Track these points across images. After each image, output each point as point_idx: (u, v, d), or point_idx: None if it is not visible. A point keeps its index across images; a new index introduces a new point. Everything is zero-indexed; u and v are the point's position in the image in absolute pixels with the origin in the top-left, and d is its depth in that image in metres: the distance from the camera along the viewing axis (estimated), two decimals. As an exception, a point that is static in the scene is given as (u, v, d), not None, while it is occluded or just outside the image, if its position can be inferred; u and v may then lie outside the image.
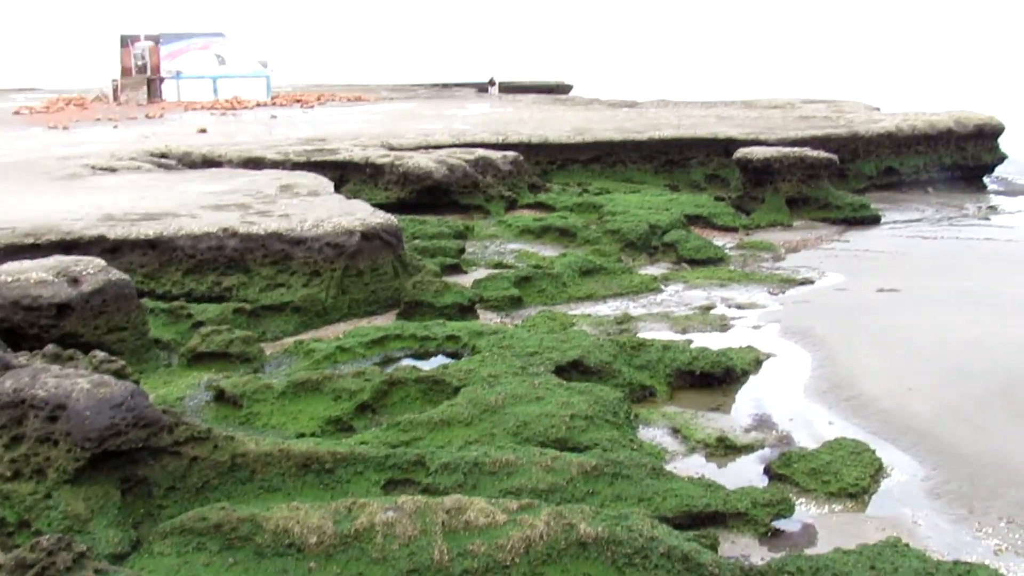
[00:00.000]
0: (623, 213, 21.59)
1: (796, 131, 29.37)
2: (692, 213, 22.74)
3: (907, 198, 28.12)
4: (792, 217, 23.92)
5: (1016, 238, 22.09)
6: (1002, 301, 15.78)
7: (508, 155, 25.46)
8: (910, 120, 30.95)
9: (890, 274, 18.09)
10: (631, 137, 29.23)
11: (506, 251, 19.94)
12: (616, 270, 17.75)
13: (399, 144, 27.46)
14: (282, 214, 16.13)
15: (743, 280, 17.75)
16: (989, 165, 31.37)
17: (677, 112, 37.48)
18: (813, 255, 20.29)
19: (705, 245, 19.97)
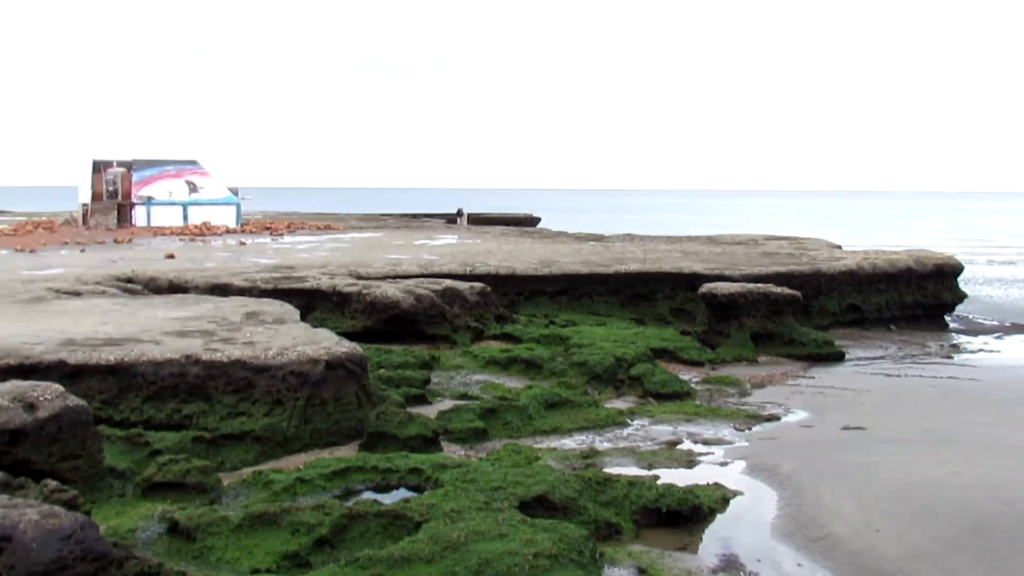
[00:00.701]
0: (589, 346, 21.62)
1: (760, 267, 29.80)
2: (658, 347, 22.80)
3: (870, 335, 28.41)
4: (757, 352, 24.06)
5: (979, 377, 22.27)
6: (967, 440, 15.80)
7: (475, 286, 25.57)
8: (871, 258, 31.53)
9: (855, 411, 18.11)
10: (598, 270, 29.51)
11: (472, 382, 19.82)
12: (582, 403, 17.66)
13: (367, 273, 27.54)
14: (246, 342, 15.99)
15: (709, 415, 17.70)
16: (949, 304, 31.87)
17: (643, 246, 37.99)
18: (779, 391, 20.32)
19: (671, 379, 19.96)
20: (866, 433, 16.35)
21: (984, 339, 28.86)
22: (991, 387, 21.02)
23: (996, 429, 16.73)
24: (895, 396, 19.88)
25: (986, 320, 32.84)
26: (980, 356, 25.80)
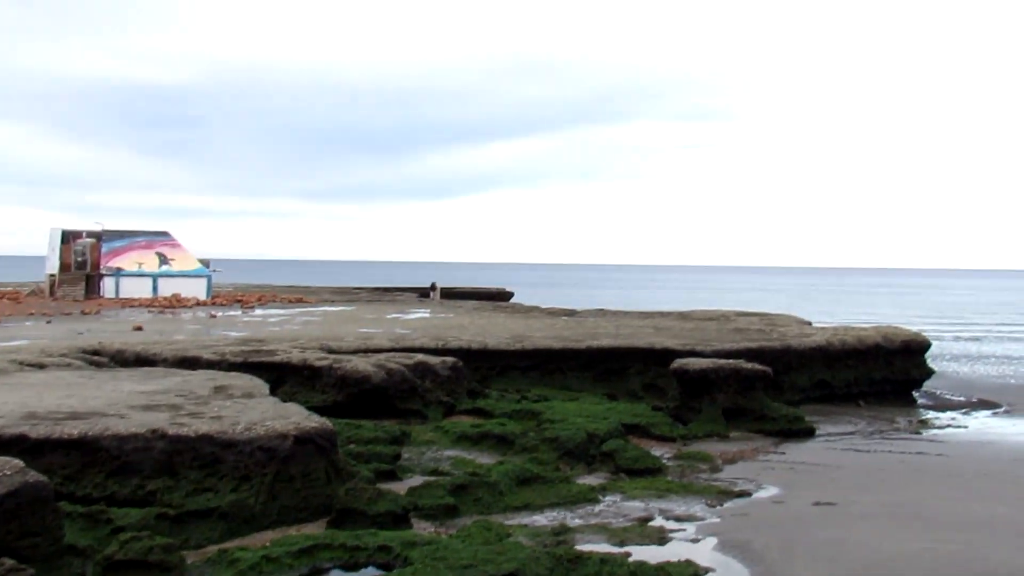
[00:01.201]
0: (561, 421, 21.55)
1: (731, 343, 29.93)
2: (630, 422, 22.76)
3: (840, 411, 28.50)
4: (729, 428, 24.06)
5: (947, 452, 22.35)
6: (936, 516, 15.81)
7: (447, 360, 25.52)
8: (840, 335, 31.78)
9: (826, 487, 18.10)
10: (570, 345, 29.55)
11: (443, 458, 19.65)
12: (554, 479, 17.55)
13: (338, 347, 27.43)
14: (214, 416, 15.82)
15: (681, 491, 17.62)
16: (917, 380, 32.07)
17: (615, 322, 38.12)
18: (750, 467, 20.28)
19: (643, 455, 19.89)
20: (837, 509, 16.32)
21: (952, 415, 29.02)
22: (959, 462, 21.08)
23: (965, 504, 16.75)
24: (865, 471, 19.90)
25: (953, 396, 33.04)
26: (948, 431, 25.91)
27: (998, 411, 30.15)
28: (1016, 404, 31.39)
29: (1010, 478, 19.41)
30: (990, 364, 44.26)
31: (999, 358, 47.30)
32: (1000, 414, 29.63)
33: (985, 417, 28.92)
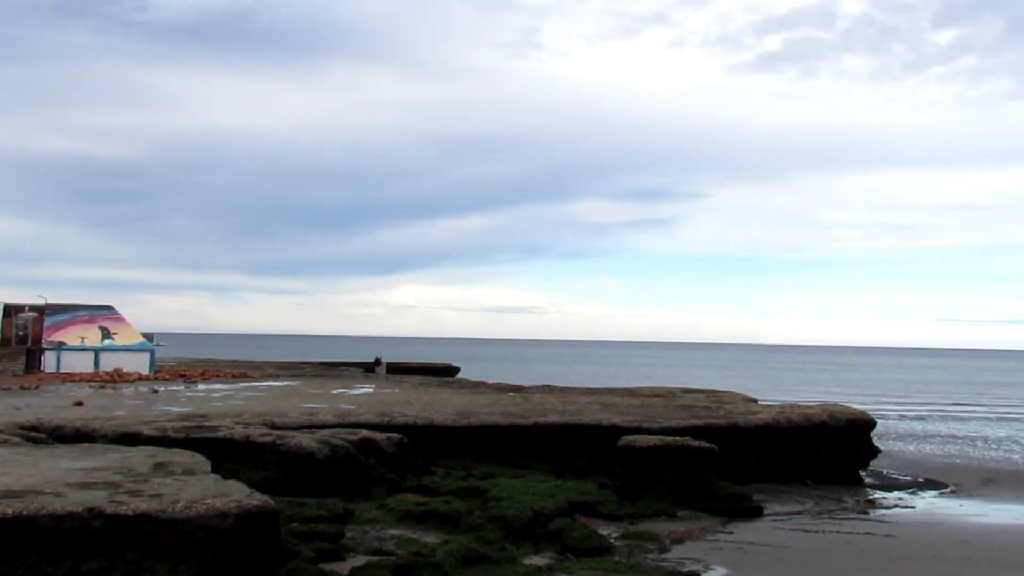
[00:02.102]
0: (508, 499, 21.28)
1: (678, 420, 29.94)
2: (577, 500, 22.54)
3: (787, 489, 28.52)
4: (676, 506, 23.93)
5: (895, 533, 22.38)
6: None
7: (392, 437, 25.20)
8: (786, 412, 31.94)
9: (775, 569, 18.01)
10: (516, 422, 29.35)
11: (387, 536, 19.26)
12: (500, 559, 17.25)
13: (282, 423, 26.98)
14: (153, 494, 15.37)
15: (629, 572, 17.39)
16: (864, 458, 32.25)
17: (562, 398, 38.00)
18: (698, 547, 20.14)
19: (590, 534, 19.66)
20: (786, 590, 16.21)
21: (899, 494, 29.17)
22: (907, 543, 21.11)
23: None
24: (813, 552, 19.84)
25: (900, 475, 33.27)
26: (896, 512, 26.01)
27: (944, 491, 30.37)
28: (962, 484, 31.65)
29: (959, 560, 19.45)
30: (935, 443, 44.74)
31: (944, 437, 47.84)
32: (947, 494, 29.84)
33: (932, 497, 29.09)
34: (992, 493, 30.27)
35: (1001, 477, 33.65)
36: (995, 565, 19.17)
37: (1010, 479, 33.34)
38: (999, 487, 31.54)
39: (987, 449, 42.75)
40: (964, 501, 28.52)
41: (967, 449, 42.52)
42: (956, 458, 39.03)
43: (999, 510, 27.05)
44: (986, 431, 51.93)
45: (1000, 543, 21.66)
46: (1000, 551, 20.61)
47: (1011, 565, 19.12)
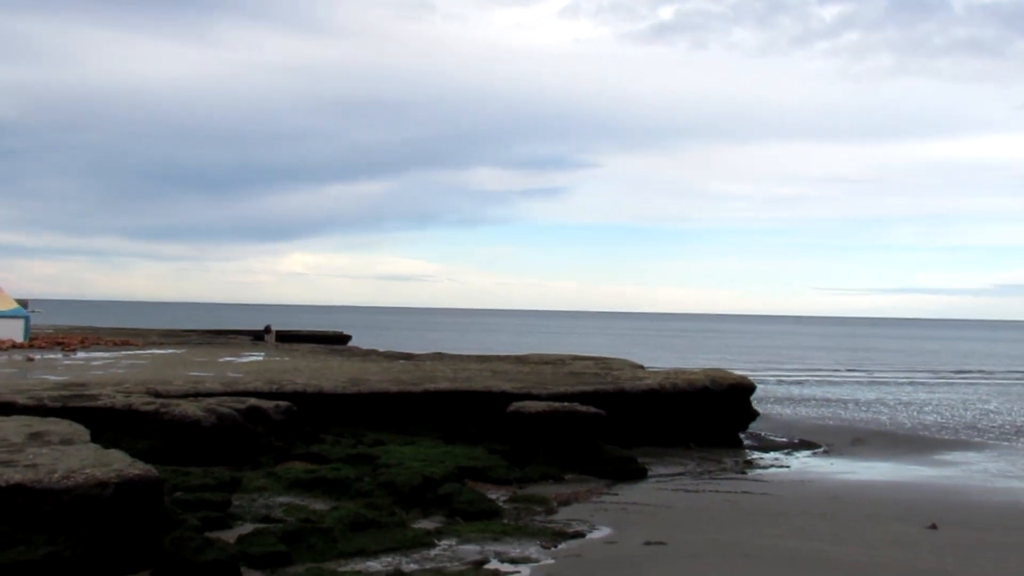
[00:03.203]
0: (398, 465, 21.38)
1: (567, 386, 30.41)
2: (467, 465, 22.78)
3: (670, 452, 29.29)
4: (564, 470, 24.38)
5: (771, 491, 23.25)
6: (761, 554, 16.38)
7: (281, 405, 25.00)
8: (671, 378, 32.72)
9: (657, 527, 18.53)
10: (407, 389, 29.41)
11: (275, 504, 19.16)
12: (389, 524, 17.36)
13: (166, 391, 26.50)
14: (29, 464, 14.99)
15: (516, 534, 17.72)
16: (743, 421, 33.29)
17: (453, 366, 38.15)
18: (584, 508, 20.58)
19: (479, 498, 19.92)
20: (667, 548, 16.72)
21: (775, 455, 30.25)
22: (782, 501, 21.97)
23: (788, 542, 17.44)
24: (694, 511, 20.49)
25: (777, 437, 34.47)
26: (772, 471, 26.99)
27: (818, 451, 31.62)
28: (834, 444, 32.99)
29: (828, 515, 20.33)
30: (810, 406, 46.41)
31: (818, 400, 49.66)
32: (819, 454, 31.08)
33: (806, 457, 30.27)
34: (861, 452, 31.65)
35: (869, 437, 35.18)
36: (860, 517, 20.11)
37: (877, 439, 34.89)
38: (867, 446, 32.99)
39: (857, 411, 44.58)
40: (835, 460, 29.76)
41: (839, 411, 44.26)
42: (829, 420, 40.61)
43: (866, 467, 28.33)
44: (857, 394, 54.09)
45: (866, 498, 22.72)
46: (866, 505, 21.62)
47: (875, 517, 20.08)
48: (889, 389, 58.80)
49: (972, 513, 21.12)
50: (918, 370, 79.68)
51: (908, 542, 17.71)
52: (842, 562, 15.87)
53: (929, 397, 53.42)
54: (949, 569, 15.63)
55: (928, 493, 23.78)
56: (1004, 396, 55.01)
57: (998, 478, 26.68)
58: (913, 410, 45.72)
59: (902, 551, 16.91)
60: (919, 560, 16.24)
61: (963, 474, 27.35)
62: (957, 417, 42.89)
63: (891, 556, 16.46)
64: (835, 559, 16.10)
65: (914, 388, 60.14)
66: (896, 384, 63.39)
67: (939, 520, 19.57)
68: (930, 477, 26.74)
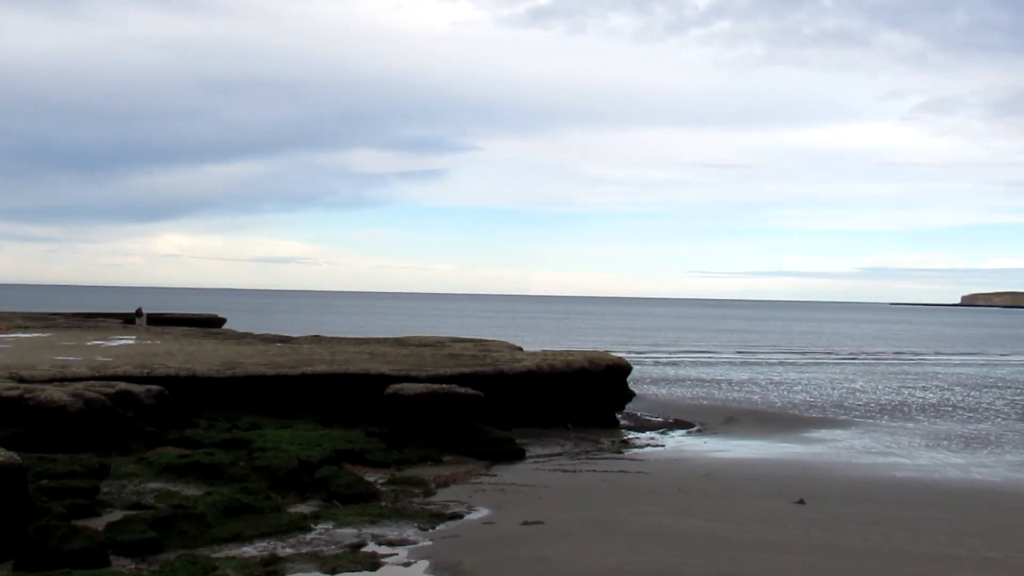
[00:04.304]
0: (274, 449, 21.06)
1: (445, 368, 30.41)
2: (344, 448, 22.57)
3: (548, 433, 29.59)
4: (442, 452, 24.39)
5: (646, 470, 23.72)
6: (635, 531, 16.70)
7: (152, 389, 24.33)
8: (549, 359, 33.03)
9: (534, 507, 18.71)
10: (284, 372, 28.96)
11: (146, 491, 18.66)
12: (264, 509, 17.09)
13: (31, 376, 25.49)
14: None
15: (394, 516, 17.67)
16: (620, 401, 33.84)
17: (331, 348, 37.72)
18: (462, 489, 20.64)
19: (356, 481, 19.78)
20: (544, 527, 16.90)
21: (651, 434, 30.87)
22: (656, 479, 22.45)
23: (662, 519, 17.82)
24: (571, 490, 20.75)
25: (652, 417, 35.16)
26: (647, 450, 27.54)
27: (692, 430, 32.39)
28: (707, 423, 33.84)
29: (701, 492, 20.86)
30: (685, 386, 47.49)
31: (693, 381, 50.86)
32: (693, 433, 31.84)
33: (680, 436, 30.98)
34: (732, 430, 32.56)
35: (741, 416, 36.21)
36: (732, 493, 20.71)
37: (748, 417, 35.94)
38: (739, 425, 33.96)
39: (730, 391, 45.82)
40: (708, 439, 30.55)
41: (713, 391, 45.41)
42: (703, 400, 41.62)
43: (738, 445, 29.16)
44: (730, 375, 55.60)
45: (738, 475, 23.40)
46: (738, 482, 22.27)
47: (746, 494, 20.70)
48: (761, 369, 60.60)
49: (838, 488, 21.94)
50: (788, 351, 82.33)
51: (777, 517, 18.30)
52: (714, 537, 16.30)
53: (799, 377, 55.25)
54: (815, 542, 16.20)
55: (797, 469, 24.61)
56: (869, 376, 57.30)
57: (863, 454, 27.79)
58: (783, 389, 47.22)
59: (771, 526, 17.47)
60: (787, 534, 16.80)
61: (830, 451, 28.39)
62: (825, 396, 44.48)
63: (761, 531, 16.98)
64: (707, 535, 16.53)
65: (784, 368, 62.10)
66: (767, 364, 65.36)
67: (807, 495, 20.28)
68: (799, 454, 27.68)
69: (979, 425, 35.06)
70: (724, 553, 15.15)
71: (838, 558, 14.99)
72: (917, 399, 43.83)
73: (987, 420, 36.67)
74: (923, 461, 26.71)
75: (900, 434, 32.21)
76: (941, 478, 24.08)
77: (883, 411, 38.91)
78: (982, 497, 21.48)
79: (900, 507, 19.88)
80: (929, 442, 30.41)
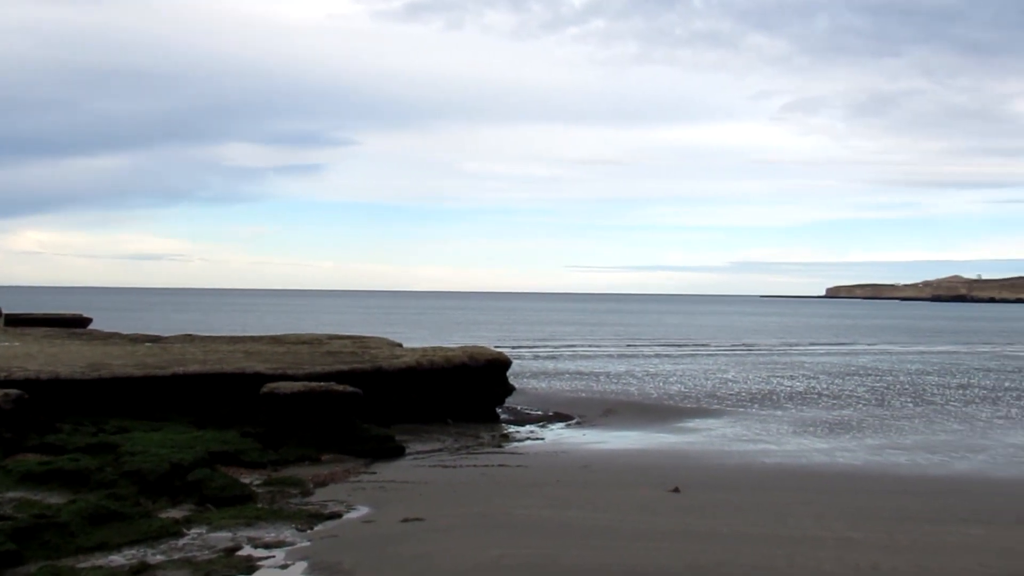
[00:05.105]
0: (143, 453, 20.38)
1: (323, 366, 29.98)
2: (218, 450, 22.03)
3: (429, 429, 29.49)
4: (321, 451, 24.03)
5: (526, 463, 23.83)
6: (516, 524, 16.74)
7: (11, 393, 23.24)
8: (428, 355, 32.90)
9: (415, 504, 18.57)
10: (154, 373, 28.11)
11: (4, 500, 17.79)
12: (133, 515, 16.52)
13: None
14: None
15: (271, 518, 17.31)
16: (500, 396, 33.95)
17: (204, 347, 36.77)
18: (341, 488, 20.37)
19: (231, 483, 19.29)
20: (425, 524, 16.79)
21: (531, 428, 31.07)
22: (537, 472, 22.57)
23: (541, 511, 17.91)
24: (452, 486, 20.69)
25: (532, 411, 35.40)
26: (527, 444, 27.69)
27: (571, 423, 32.73)
28: (586, 416, 34.25)
29: (580, 484, 21.07)
30: (564, 380, 47.95)
31: (572, 374, 51.40)
32: (573, 425, 32.18)
33: (560, 429, 31.27)
34: (611, 422, 33.04)
35: (619, 408, 36.77)
36: (610, 484, 21.00)
37: (626, 409, 36.52)
38: (617, 416, 34.48)
39: (608, 383, 46.47)
40: (587, 431, 30.91)
41: (592, 384, 45.98)
42: (582, 392, 42.10)
43: (616, 437, 29.61)
44: (608, 367, 56.39)
45: (616, 466, 23.74)
46: (616, 473, 22.59)
47: (624, 484, 21.00)
48: (638, 362, 61.65)
49: (711, 476, 22.46)
50: (665, 343, 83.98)
51: (653, 506, 18.61)
52: (592, 528, 16.46)
53: (674, 368, 56.41)
54: (689, 529, 16.51)
55: (672, 459, 25.09)
56: (740, 366, 58.89)
57: (734, 442, 28.53)
58: (660, 381, 48.13)
59: (647, 514, 17.75)
60: (662, 522, 17.09)
61: (704, 440, 29.06)
62: (699, 387, 45.51)
63: (637, 519, 17.23)
64: (585, 525, 16.68)
65: (660, 360, 63.33)
66: (644, 357, 66.54)
67: (682, 484, 20.69)
68: (674, 443, 28.24)
69: (842, 411, 36.41)
70: (601, 542, 15.31)
71: (710, 543, 15.31)
72: (785, 388, 45.26)
73: (849, 406, 38.11)
74: (790, 447, 27.58)
75: (769, 422, 33.20)
76: (807, 463, 24.90)
77: (754, 400, 40.04)
78: (845, 480, 22.29)
79: (769, 492, 20.48)
80: (796, 429, 31.42)
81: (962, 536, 16.33)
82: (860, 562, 14.28)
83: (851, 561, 14.32)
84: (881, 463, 24.95)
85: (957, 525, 17.22)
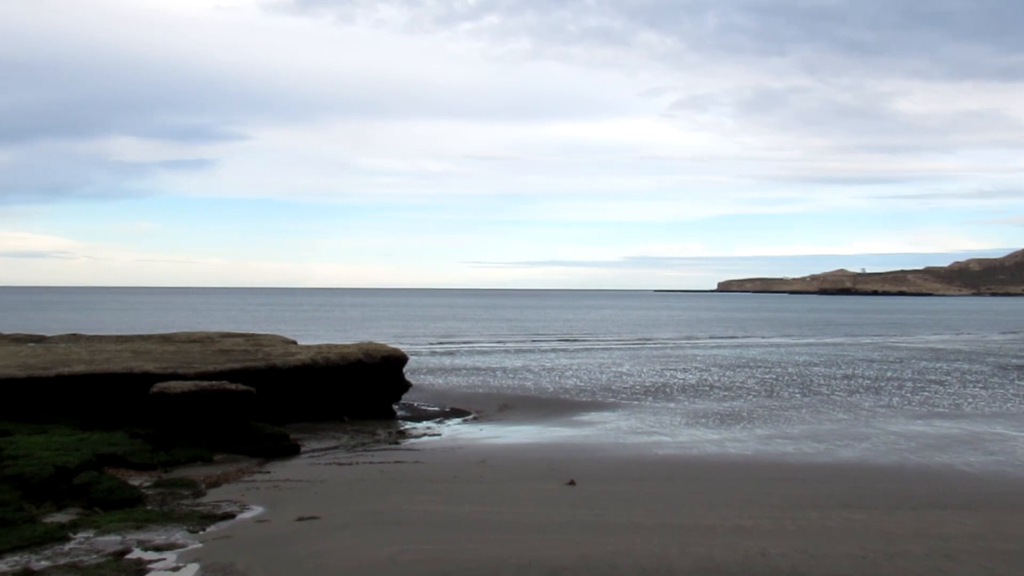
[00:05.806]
0: (26, 456, 19.72)
1: (215, 365, 29.43)
2: (105, 452, 21.46)
3: (324, 427, 29.21)
4: (213, 451, 23.61)
5: (422, 459, 23.81)
6: (412, 520, 16.74)
7: None
8: (324, 352, 32.58)
9: (310, 502, 18.41)
10: (36, 374, 27.21)
11: None
12: (16, 520, 16.01)
13: None
14: None
15: (161, 520, 16.95)
16: (396, 392, 33.83)
17: (90, 347, 35.72)
18: (234, 488, 20.05)
19: (119, 486, 18.82)
20: (320, 522, 16.66)
21: (427, 424, 31.04)
22: (433, 468, 22.57)
23: (438, 507, 17.93)
24: (347, 484, 20.56)
25: (429, 407, 35.37)
26: (424, 440, 27.66)
27: (468, 418, 32.80)
28: (483, 411, 34.36)
29: (476, 479, 21.15)
30: (461, 375, 48.00)
31: (469, 369, 51.48)
32: (470, 421, 32.25)
33: (457, 424, 31.31)
34: (507, 417, 33.22)
35: (516, 403, 36.98)
36: (506, 478, 21.14)
37: (522, 403, 36.77)
38: (513, 411, 34.68)
39: (505, 378, 46.69)
40: (484, 426, 31.02)
41: (488, 379, 46.13)
42: (479, 388, 42.21)
43: (513, 431, 29.78)
44: (505, 362, 56.66)
45: (512, 460, 23.88)
46: (512, 467, 22.73)
47: (520, 478, 21.17)
48: (534, 356, 62.07)
49: (606, 468, 22.78)
50: (560, 338, 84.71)
51: (549, 499, 18.79)
52: (488, 522, 16.56)
53: (570, 363, 56.95)
54: (584, 521, 16.73)
55: (568, 452, 25.35)
56: (635, 360, 59.79)
57: (629, 434, 28.97)
58: (556, 375, 48.54)
59: (544, 507, 17.92)
60: (558, 514, 17.27)
61: (599, 432, 29.43)
62: (594, 380, 46.06)
63: (533, 513, 17.39)
64: (481, 520, 16.77)
65: (556, 355, 63.86)
66: (540, 352, 67.02)
67: (577, 476, 20.95)
68: (570, 437, 28.53)
69: (733, 403, 37.30)
70: (496, 536, 15.42)
71: (605, 534, 15.55)
72: (678, 380, 46.13)
73: (740, 398, 39.06)
74: (683, 439, 28.14)
75: (663, 414, 33.80)
76: (699, 453, 25.45)
77: (648, 393, 40.70)
78: (736, 470, 22.86)
79: (663, 483, 20.89)
80: (689, 420, 32.07)
81: (846, 521, 16.92)
82: (750, 548, 14.68)
83: (741, 548, 14.72)
84: (770, 452, 25.65)
85: (841, 511, 17.82)
